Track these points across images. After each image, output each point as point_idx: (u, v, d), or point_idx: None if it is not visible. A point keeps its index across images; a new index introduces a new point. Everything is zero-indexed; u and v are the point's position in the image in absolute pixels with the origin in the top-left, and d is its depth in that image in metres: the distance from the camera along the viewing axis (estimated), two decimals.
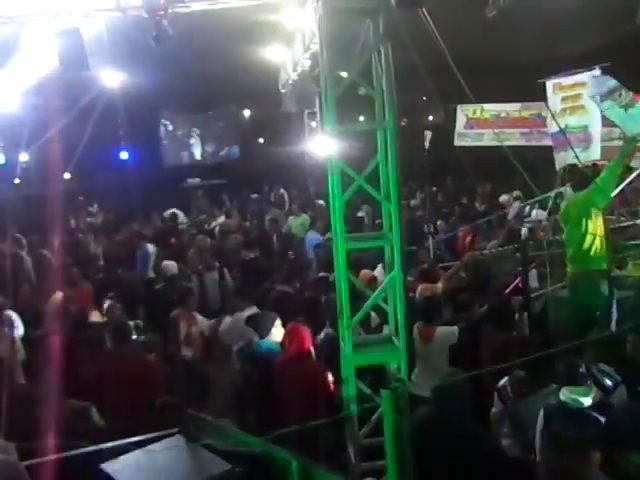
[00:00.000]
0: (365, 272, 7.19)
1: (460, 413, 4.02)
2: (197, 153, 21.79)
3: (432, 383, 4.30)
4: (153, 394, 5.26)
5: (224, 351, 5.90)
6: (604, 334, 5.51)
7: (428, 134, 11.24)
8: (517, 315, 6.21)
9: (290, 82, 11.53)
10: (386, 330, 5.00)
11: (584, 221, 6.26)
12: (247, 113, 22.01)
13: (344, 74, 4.50)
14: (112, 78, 10.24)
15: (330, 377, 5.18)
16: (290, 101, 12.68)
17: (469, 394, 4.16)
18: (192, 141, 21.67)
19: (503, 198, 12.98)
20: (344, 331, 4.38)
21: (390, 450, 3.11)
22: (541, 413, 3.98)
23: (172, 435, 4.24)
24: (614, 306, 6.16)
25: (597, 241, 6.23)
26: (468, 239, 9.87)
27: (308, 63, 9.35)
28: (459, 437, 3.85)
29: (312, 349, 5.41)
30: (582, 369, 4.31)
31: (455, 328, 5.82)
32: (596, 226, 6.26)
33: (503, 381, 4.74)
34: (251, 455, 3.85)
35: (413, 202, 14.60)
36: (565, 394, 4.02)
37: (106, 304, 7.44)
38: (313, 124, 16.13)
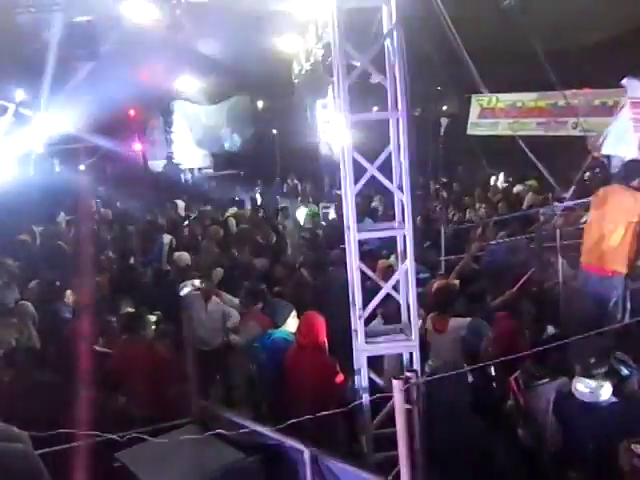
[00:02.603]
0: (382, 262, 7.20)
1: (455, 402, 4.02)
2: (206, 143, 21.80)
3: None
4: (165, 384, 5.29)
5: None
6: (618, 324, 5.46)
7: (444, 121, 11.22)
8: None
9: (303, 72, 11.50)
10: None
11: (618, 220, 6.04)
12: (260, 104, 22.00)
13: (357, 64, 4.47)
14: None
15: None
16: (303, 91, 12.66)
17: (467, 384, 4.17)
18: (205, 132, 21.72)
19: (518, 188, 12.91)
20: (356, 321, 4.38)
21: (402, 440, 3.10)
22: (551, 399, 4.00)
23: (185, 425, 4.28)
24: (628, 297, 6.08)
25: (623, 240, 5.92)
26: (479, 230, 9.81)
27: (321, 53, 9.32)
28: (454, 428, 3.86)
29: (325, 340, 5.39)
30: (595, 359, 4.26)
31: (468, 319, 5.80)
32: (629, 228, 5.87)
33: (517, 373, 4.72)
34: (264, 444, 3.87)
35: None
36: (580, 386, 4.03)
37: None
38: (326, 115, 16.10)
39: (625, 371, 4.38)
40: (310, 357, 5.16)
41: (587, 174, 10.78)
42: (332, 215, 13.46)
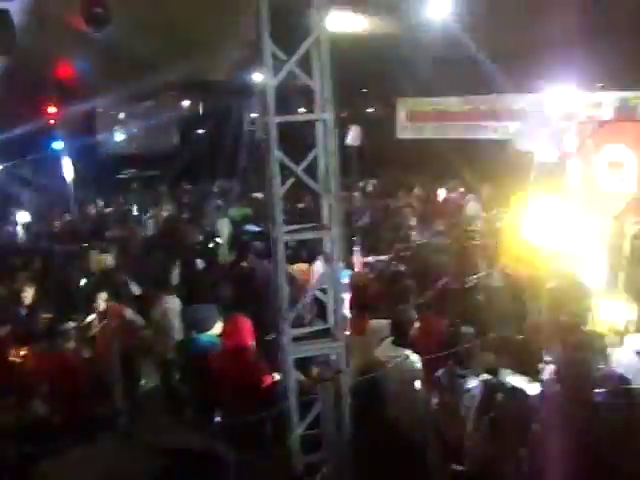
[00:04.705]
0: (300, 265, 7.17)
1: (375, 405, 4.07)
2: (133, 143, 21.33)
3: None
4: (79, 389, 5.16)
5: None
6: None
7: (354, 129, 11.29)
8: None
9: (232, 72, 11.40)
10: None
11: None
12: (187, 103, 21.67)
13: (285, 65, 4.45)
14: None
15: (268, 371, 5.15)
16: (232, 91, 12.56)
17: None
18: (128, 131, 21.23)
19: (440, 190, 13.17)
20: (282, 323, 4.36)
21: (329, 441, 3.10)
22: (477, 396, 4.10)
23: (107, 431, 4.16)
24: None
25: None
26: (402, 231, 9.95)
27: (248, 52, 9.25)
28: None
29: (252, 342, 5.35)
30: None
31: (387, 321, 5.80)
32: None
33: (440, 371, 4.82)
34: (189, 450, 3.80)
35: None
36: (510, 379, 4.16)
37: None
38: (253, 115, 16.03)
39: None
40: (236, 360, 5.12)
41: None
42: None
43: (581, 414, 3.91)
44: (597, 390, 4.24)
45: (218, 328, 5.65)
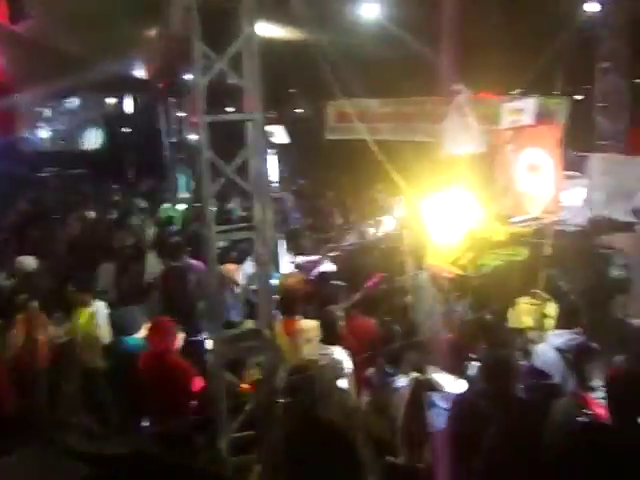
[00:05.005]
0: (229, 266, 7.12)
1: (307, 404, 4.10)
2: (57, 141, 20.70)
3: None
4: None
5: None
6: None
7: (279, 130, 11.31)
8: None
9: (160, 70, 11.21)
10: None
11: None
12: (113, 101, 21.18)
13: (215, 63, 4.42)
14: None
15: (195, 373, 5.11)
16: (160, 89, 12.35)
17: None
18: (52, 128, 20.59)
19: (369, 192, 13.32)
20: (213, 324, 4.33)
21: (261, 442, 3.10)
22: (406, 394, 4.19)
23: (29, 442, 4.02)
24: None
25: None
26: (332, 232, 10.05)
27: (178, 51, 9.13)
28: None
29: (177, 344, 5.29)
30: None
31: (316, 321, 5.82)
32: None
33: (370, 369, 4.90)
34: (116, 456, 3.72)
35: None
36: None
37: None
38: (181, 114, 15.77)
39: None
40: (160, 363, 5.06)
41: None
42: None
43: (505, 409, 4.04)
44: (520, 386, 4.41)
45: (144, 331, 5.57)
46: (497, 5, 11.44)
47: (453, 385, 4.67)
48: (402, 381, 4.68)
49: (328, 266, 8.00)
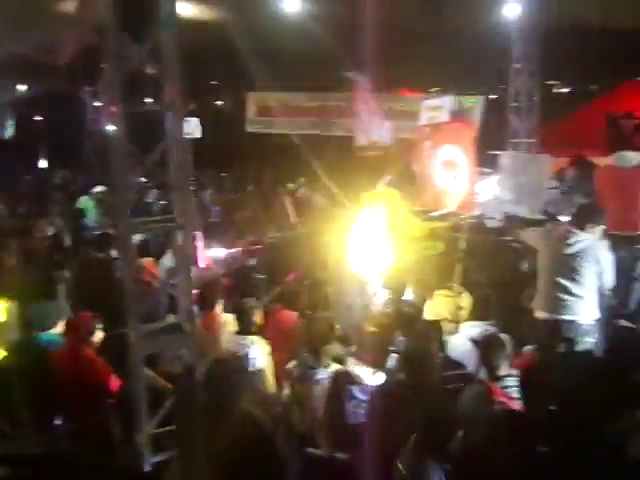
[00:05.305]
0: (146, 260, 6.99)
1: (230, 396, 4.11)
2: None
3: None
4: None
5: None
6: None
7: (192, 121, 11.20)
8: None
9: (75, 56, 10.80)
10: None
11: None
12: (24, 87, 20.29)
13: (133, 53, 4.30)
14: None
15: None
16: (73, 77, 11.90)
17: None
18: None
19: (291, 186, 13.35)
20: (131, 318, 4.24)
21: (181, 438, 3.07)
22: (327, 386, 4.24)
23: None
24: None
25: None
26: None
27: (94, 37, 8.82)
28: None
29: (95, 340, 5.17)
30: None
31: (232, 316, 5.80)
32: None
33: (292, 363, 4.92)
34: (30, 457, 3.60)
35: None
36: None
37: None
38: (96, 103, 15.31)
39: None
40: (76, 360, 4.95)
41: None
42: None
43: (422, 399, 4.14)
44: (437, 376, 4.54)
45: (61, 327, 5.41)
46: (418, 6, 11.66)
47: (372, 377, 4.76)
48: (323, 374, 4.73)
49: (248, 260, 7.98)
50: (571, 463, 3.35)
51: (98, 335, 5.26)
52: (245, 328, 5.46)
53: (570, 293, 5.21)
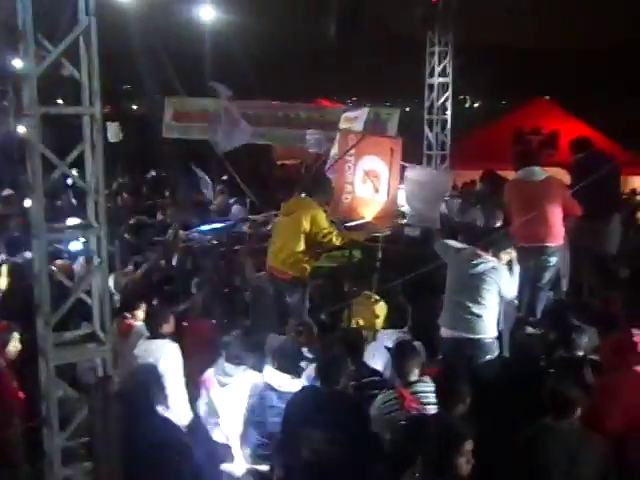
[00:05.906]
0: (60, 262, 6.78)
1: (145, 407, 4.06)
2: None
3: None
4: None
5: None
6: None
7: (112, 126, 11.00)
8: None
9: None
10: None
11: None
12: None
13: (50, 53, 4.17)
14: None
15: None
16: None
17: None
18: None
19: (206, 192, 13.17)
20: (43, 327, 4.09)
21: (96, 449, 2.99)
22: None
23: None
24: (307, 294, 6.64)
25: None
26: (171, 232, 9.83)
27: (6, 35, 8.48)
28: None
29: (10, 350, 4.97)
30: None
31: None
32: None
33: (210, 371, 4.88)
34: None
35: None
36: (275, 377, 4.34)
37: None
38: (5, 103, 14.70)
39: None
40: None
41: None
42: None
43: (336, 407, 4.21)
44: (353, 383, 4.61)
45: None
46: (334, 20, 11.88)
47: (290, 385, 4.77)
48: (240, 382, 4.72)
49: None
50: (480, 467, 3.46)
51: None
52: (156, 333, 5.36)
53: (471, 312, 5.34)
